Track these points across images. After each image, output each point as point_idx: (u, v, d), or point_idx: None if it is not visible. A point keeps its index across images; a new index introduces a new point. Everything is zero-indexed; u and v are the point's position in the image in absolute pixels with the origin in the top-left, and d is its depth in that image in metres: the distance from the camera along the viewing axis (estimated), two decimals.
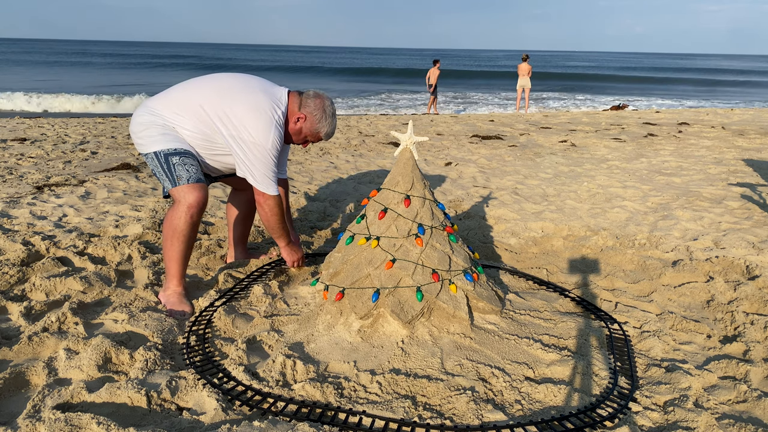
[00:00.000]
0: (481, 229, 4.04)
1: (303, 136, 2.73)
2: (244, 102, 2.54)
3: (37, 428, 1.69)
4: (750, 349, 2.39)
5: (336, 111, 2.76)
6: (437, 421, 1.84)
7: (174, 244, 2.57)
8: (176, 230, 2.54)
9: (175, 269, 2.63)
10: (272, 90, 2.66)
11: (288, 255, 2.94)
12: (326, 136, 2.75)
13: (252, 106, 2.53)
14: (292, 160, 6.57)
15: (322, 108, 2.67)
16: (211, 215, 4.17)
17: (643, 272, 3.30)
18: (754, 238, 3.80)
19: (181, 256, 2.60)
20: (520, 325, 2.48)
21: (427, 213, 2.49)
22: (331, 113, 2.72)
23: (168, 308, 2.58)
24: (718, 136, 9.27)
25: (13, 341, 2.23)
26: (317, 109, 2.66)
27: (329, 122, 2.71)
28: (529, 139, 8.87)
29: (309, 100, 2.67)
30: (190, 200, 2.52)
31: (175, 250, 2.58)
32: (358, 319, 2.32)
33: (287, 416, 1.84)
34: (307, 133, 2.72)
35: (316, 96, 2.69)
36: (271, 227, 2.74)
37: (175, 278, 2.65)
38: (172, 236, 2.56)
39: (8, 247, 3.22)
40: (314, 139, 2.76)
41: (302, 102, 2.66)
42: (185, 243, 2.58)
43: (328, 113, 2.70)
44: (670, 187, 5.49)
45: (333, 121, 2.73)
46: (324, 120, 2.69)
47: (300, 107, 2.66)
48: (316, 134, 2.73)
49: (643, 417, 1.92)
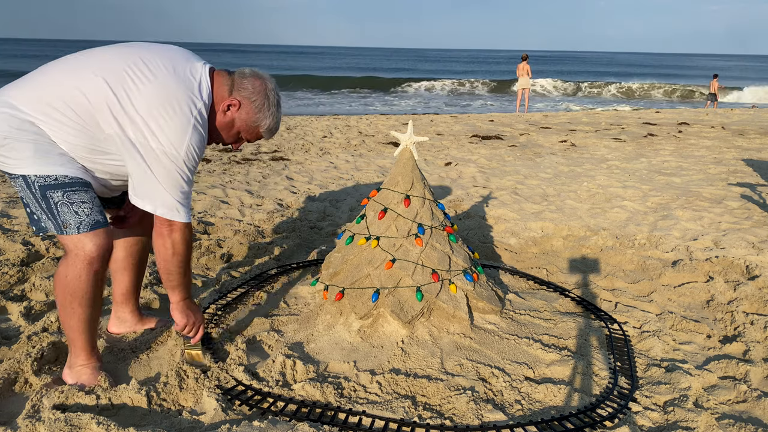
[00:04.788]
0: (481, 229, 4.04)
1: (235, 131, 1.99)
2: (149, 90, 1.78)
3: (36, 428, 1.69)
4: (750, 349, 2.39)
5: (281, 100, 2.04)
6: (437, 421, 1.84)
7: (76, 311, 1.86)
8: (76, 293, 1.83)
9: (81, 340, 1.92)
10: (186, 69, 1.87)
11: (182, 315, 2.04)
12: (268, 132, 2.03)
13: (160, 96, 1.78)
14: (292, 160, 6.57)
15: (263, 92, 1.95)
16: (210, 215, 4.17)
17: (643, 272, 3.30)
18: (754, 238, 3.80)
19: (87, 323, 1.91)
20: (520, 325, 2.48)
21: (427, 213, 2.49)
22: (275, 101, 1.99)
23: (75, 383, 1.94)
24: (718, 136, 9.27)
25: (13, 341, 2.23)
26: (257, 94, 1.94)
27: (272, 112, 1.99)
28: (529, 139, 8.87)
29: (245, 81, 1.94)
30: (89, 251, 1.80)
31: (77, 319, 1.88)
32: (358, 319, 2.32)
33: (287, 416, 1.84)
34: (241, 127, 1.98)
35: (254, 76, 1.96)
36: (168, 270, 1.93)
37: (84, 351, 1.94)
38: (71, 301, 1.84)
39: (8, 247, 3.22)
40: (251, 136, 2.02)
41: (234, 83, 1.94)
42: (90, 306, 1.87)
43: (272, 100, 1.98)
44: (670, 187, 5.49)
45: (278, 112, 2.01)
46: (266, 108, 1.97)
47: (231, 91, 1.93)
48: (254, 129, 2.00)
49: (643, 417, 1.92)
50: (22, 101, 1.76)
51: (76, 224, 1.79)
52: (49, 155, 1.77)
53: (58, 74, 1.81)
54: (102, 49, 1.90)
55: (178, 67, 1.85)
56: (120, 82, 1.77)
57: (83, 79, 1.78)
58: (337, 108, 20.02)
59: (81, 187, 1.81)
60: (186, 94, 1.82)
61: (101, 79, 1.77)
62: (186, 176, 1.83)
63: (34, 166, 1.75)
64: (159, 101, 1.77)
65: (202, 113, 1.85)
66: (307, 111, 17.92)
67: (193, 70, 1.88)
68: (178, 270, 1.94)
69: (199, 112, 1.84)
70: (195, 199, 4.58)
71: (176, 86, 1.81)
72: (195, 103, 1.83)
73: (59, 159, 1.78)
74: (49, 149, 1.77)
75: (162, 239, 1.87)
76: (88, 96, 1.76)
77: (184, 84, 1.83)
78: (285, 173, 5.85)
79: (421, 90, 29.73)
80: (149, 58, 1.83)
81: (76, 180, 1.80)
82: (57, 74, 1.82)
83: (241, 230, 3.80)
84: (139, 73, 1.79)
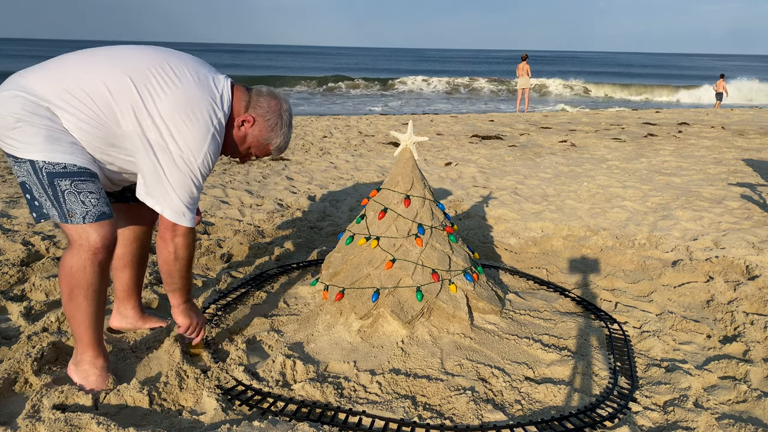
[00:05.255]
0: (481, 229, 4.04)
1: (246, 146, 2.05)
2: (173, 94, 1.81)
3: (36, 428, 1.69)
4: (750, 349, 2.39)
5: (293, 121, 2.12)
6: (437, 421, 1.84)
7: (81, 304, 1.84)
8: (81, 284, 1.82)
9: (87, 335, 1.91)
10: (210, 79, 1.91)
11: (184, 317, 2.07)
12: (277, 150, 2.09)
13: (183, 101, 1.81)
14: (292, 160, 6.57)
15: (277, 112, 2.02)
16: (211, 215, 4.17)
17: (643, 272, 3.30)
18: (754, 238, 3.80)
19: (93, 316, 1.89)
20: (520, 325, 2.48)
21: (427, 213, 2.49)
22: (288, 121, 2.06)
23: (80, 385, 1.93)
24: (718, 136, 9.28)
25: (13, 341, 2.23)
26: (271, 113, 2.01)
27: (284, 132, 2.06)
28: (529, 139, 8.87)
29: (261, 99, 2.01)
30: (94, 242, 1.80)
31: (82, 311, 1.86)
32: (357, 319, 2.32)
33: (287, 416, 1.84)
34: (252, 143, 2.04)
35: (270, 95, 2.03)
36: (170, 273, 1.95)
37: (90, 347, 1.93)
38: (77, 294, 1.83)
39: (8, 247, 3.22)
40: (260, 152, 2.08)
41: (251, 100, 2.00)
42: (96, 299, 1.86)
43: (284, 120, 2.05)
44: (670, 187, 5.49)
45: (288, 132, 2.08)
46: (278, 128, 2.03)
47: (248, 108, 1.99)
48: (264, 146, 2.06)
49: (643, 417, 1.92)
50: (40, 86, 1.75)
51: (81, 214, 1.78)
52: (60, 142, 1.76)
53: (83, 64, 1.82)
54: (126, 47, 1.92)
55: (202, 77, 1.89)
56: (145, 82, 1.79)
57: (108, 74, 1.78)
58: (336, 108, 20.02)
59: (89, 177, 1.81)
60: (209, 102, 1.85)
61: (127, 77, 1.78)
62: (197, 183, 1.85)
63: (45, 152, 1.74)
64: (182, 106, 1.80)
65: (221, 123, 1.90)
66: (307, 111, 17.92)
67: (216, 81, 1.93)
68: (179, 274, 1.95)
69: (219, 122, 1.88)
70: None
71: (200, 94, 1.84)
72: (216, 113, 1.87)
73: (70, 147, 1.78)
74: (60, 137, 1.76)
75: (165, 243, 1.88)
76: (111, 90, 1.77)
77: (208, 93, 1.86)
78: (285, 173, 5.85)
79: (421, 90, 29.72)
80: (175, 64, 1.87)
81: (85, 170, 1.80)
82: (81, 64, 1.82)
83: (241, 230, 3.80)
84: (165, 76, 1.82)
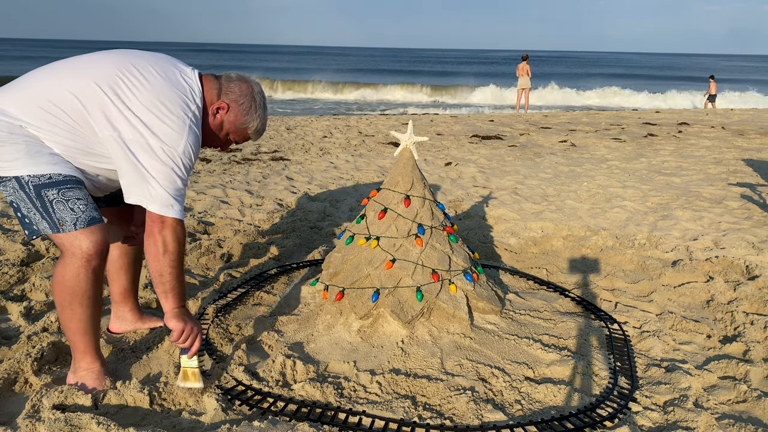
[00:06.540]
0: (481, 229, 4.04)
1: (224, 133, 2.05)
2: (143, 94, 1.81)
3: (36, 428, 1.69)
4: (750, 349, 2.39)
5: (266, 102, 2.11)
6: (437, 421, 1.84)
7: (76, 312, 1.85)
8: (75, 293, 1.82)
9: (83, 342, 1.91)
10: (177, 74, 1.92)
11: (177, 323, 1.90)
12: (255, 133, 2.08)
13: (154, 100, 1.81)
14: (292, 160, 6.57)
15: (250, 95, 2.01)
16: (210, 215, 4.17)
17: (642, 272, 3.30)
18: (754, 238, 3.80)
19: (89, 324, 1.89)
20: (520, 325, 2.48)
21: (427, 213, 2.49)
22: (261, 103, 2.05)
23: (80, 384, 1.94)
24: (717, 136, 9.27)
25: (13, 341, 2.23)
26: (244, 97, 2.00)
27: (259, 114, 2.05)
28: (529, 139, 8.87)
29: (232, 84, 2.00)
30: (86, 248, 1.80)
31: (78, 320, 1.86)
32: (357, 319, 2.32)
33: (287, 416, 1.84)
34: (229, 129, 2.03)
35: (240, 80, 2.03)
36: (160, 271, 1.85)
37: (88, 354, 1.92)
38: (71, 302, 1.83)
39: (8, 247, 3.22)
40: (239, 137, 2.08)
41: (222, 88, 2.00)
42: (91, 306, 1.86)
43: (258, 102, 2.04)
44: (669, 187, 5.49)
45: (264, 113, 2.07)
46: (253, 111, 2.02)
47: (219, 95, 1.99)
48: (242, 130, 2.05)
49: (643, 417, 1.92)
50: (11, 106, 1.77)
51: (72, 221, 1.78)
52: (41, 155, 1.78)
53: (49, 79, 1.83)
54: (91, 55, 1.93)
55: (169, 73, 1.90)
56: (113, 86, 1.79)
57: (75, 84, 1.79)
58: (336, 108, 20.01)
59: (75, 184, 1.82)
60: (180, 97, 1.86)
61: (94, 83, 1.79)
62: (181, 175, 1.83)
63: (28, 166, 1.76)
64: (154, 105, 1.80)
65: (196, 115, 1.90)
66: (307, 111, 17.92)
67: (184, 75, 1.93)
68: (169, 270, 1.85)
69: (194, 114, 1.89)
70: (195, 199, 4.58)
71: (170, 90, 1.85)
72: (189, 106, 1.87)
73: (52, 158, 1.79)
74: (40, 149, 1.78)
75: (153, 238, 1.82)
76: (81, 99, 1.78)
77: (178, 88, 1.87)
78: (285, 173, 5.85)
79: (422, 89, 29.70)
80: (140, 64, 1.87)
81: (70, 178, 1.81)
82: (47, 79, 1.83)
83: (241, 230, 3.80)
84: (132, 78, 1.82)
